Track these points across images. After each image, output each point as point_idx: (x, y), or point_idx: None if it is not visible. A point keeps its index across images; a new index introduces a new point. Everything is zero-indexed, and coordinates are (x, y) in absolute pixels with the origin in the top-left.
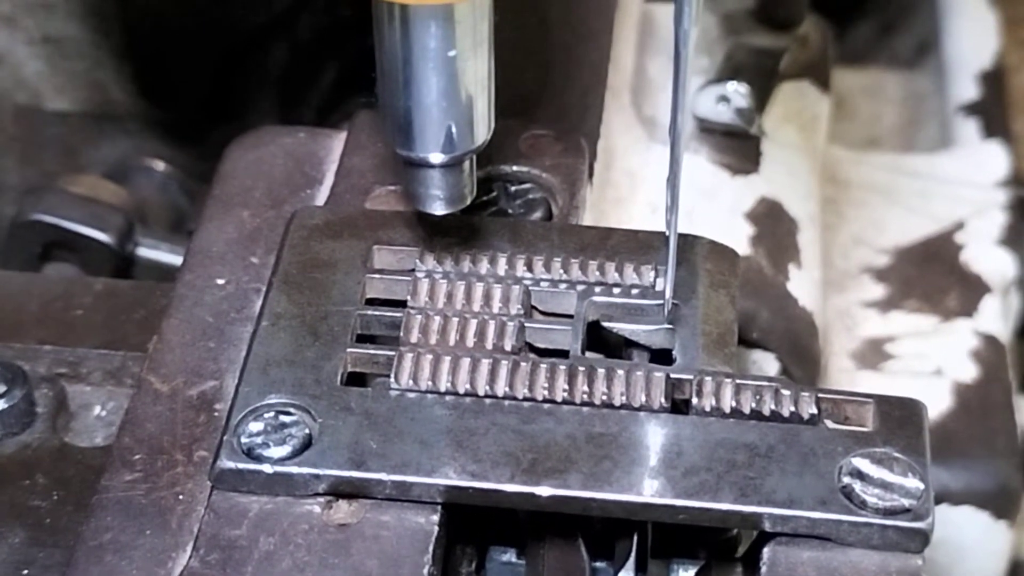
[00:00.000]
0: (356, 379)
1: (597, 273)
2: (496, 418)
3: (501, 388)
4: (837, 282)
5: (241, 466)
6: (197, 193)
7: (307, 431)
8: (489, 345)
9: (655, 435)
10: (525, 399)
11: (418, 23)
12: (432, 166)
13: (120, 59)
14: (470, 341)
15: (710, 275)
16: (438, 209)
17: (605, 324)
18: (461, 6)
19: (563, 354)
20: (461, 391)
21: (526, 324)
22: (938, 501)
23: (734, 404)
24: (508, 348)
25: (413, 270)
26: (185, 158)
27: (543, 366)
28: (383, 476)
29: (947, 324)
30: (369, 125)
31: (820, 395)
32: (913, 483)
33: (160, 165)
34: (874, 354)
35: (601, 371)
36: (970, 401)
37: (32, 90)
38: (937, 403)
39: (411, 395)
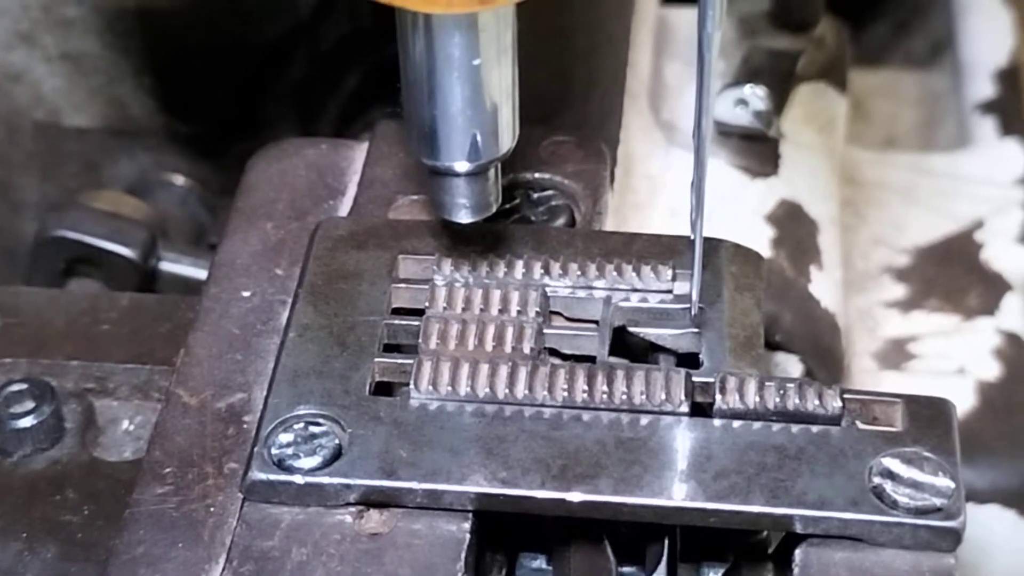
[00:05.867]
0: (384, 388)
1: (622, 278)
2: (525, 425)
3: (520, 391)
4: (858, 283)
5: (272, 477)
6: (217, 206)
7: (337, 441)
8: (508, 348)
9: (684, 439)
10: (548, 404)
11: (442, 32)
12: (458, 174)
13: (139, 74)
14: (489, 345)
15: (735, 278)
16: (464, 217)
17: (631, 329)
18: (485, 14)
19: (590, 360)
20: (480, 395)
21: (554, 330)
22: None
23: (757, 400)
24: (527, 351)
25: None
26: (205, 172)
27: (562, 369)
28: (414, 485)
29: (969, 323)
30: (390, 135)
31: (848, 395)
32: (944, 482)
33: (180, 179)
34: (897, 354)
35: (620, 373)
36: (994, 399)
37: (51, 107)
38: (961, 402)
39: (440, 403)
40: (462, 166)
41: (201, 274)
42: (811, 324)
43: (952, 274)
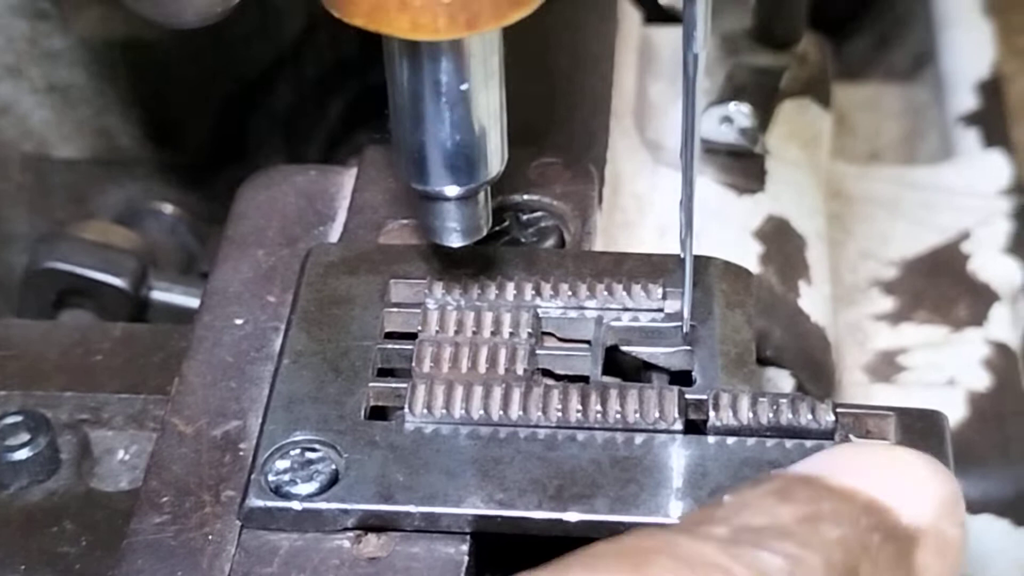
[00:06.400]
0: (379, 413)
1: (613, 298)
2: (520, 446)
3: (515, 412)
4: (846, 297)
5: (270, 504)
6: (207, 234)
7: (333, 467)
8: (501, 370)
9: (679, 457)
10: (542, 425)
11: (430, 58)
12: (448, 199)
13: (125, 105)
14: (482, 367)
15: (725, 295)
16: (455, 241)
17: (624, 348)
18: (471, 40)
19: (583, 380)
20: (475, 417)
21: (546, 351)
22: None
23: (751, 416)
24: (520, 372)
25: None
26: (193, 200)
27: (556, 389)
28: (411, 508)
29: (958, 334)
30: (378, 160)
31: (841, 409)
32: None
33: (169, 208)
34: (887, 367)
35: (614, 392)
36: (985, 410)
37: (39, 139)
38: (952, 413)
39: (435, 426)
40: (452, 190)
41: (192, 302)
42: (801, 339)
43: (940, 286)
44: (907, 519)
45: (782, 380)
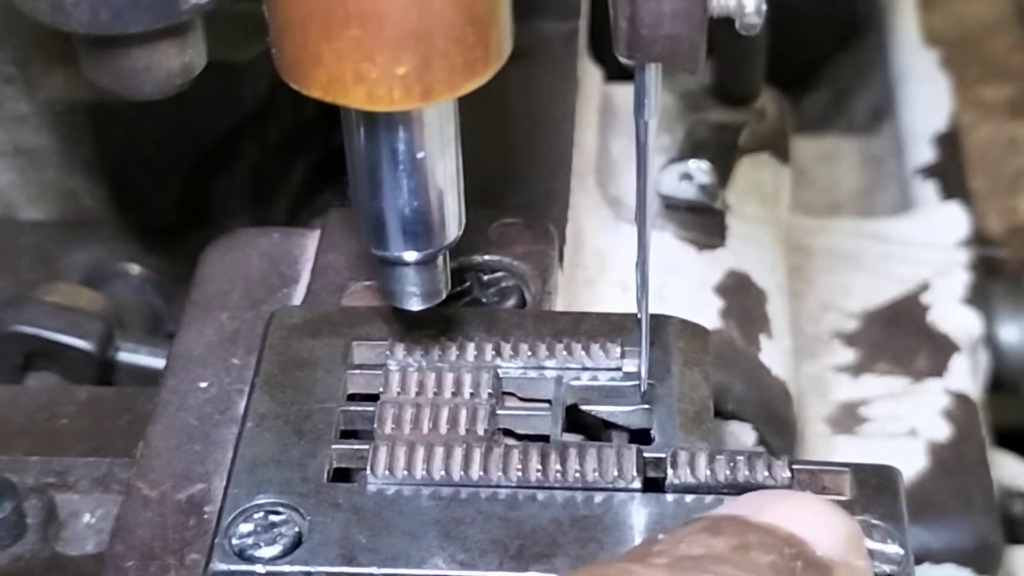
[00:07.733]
0: (342, 475)
1: (572, 357)
2: (481, 506)
3: (476, 473)
4: (808, 349)
5: (233, 568)
6: (173, 295)
7: (297, 529)
8: (462, 430)
9: (638, 515)
10: (503, 485)
11: (386, 128)
12: (407, 264)
13: (91, 167)
14: (443, 428)
15: (683, 353)
16: (414, 305)
17: (583, 407)
18: (427, 110)
19: (544, 439)
20: (437, 478)
21: (506, 411)
22: (920, 560)
23: (708, 473)
24: (481, 432)
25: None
26: (159, 261)
27: (516, 449)
28: (374, 570)
29: (918, 385)
30: (341, 223)
31: (797, 466)
32: (893, 549)
33: (135, 269)
34: (849, 418)
35: (573, 451)
36: (945, 460)
37: (4, 201)
38: (913, 463)
39: (397, 487)
40: (411, 256)
41: (159, 363)
42: (762, 392)
43: (900, 337)
44: (821, 551)
45: (744, 434)
